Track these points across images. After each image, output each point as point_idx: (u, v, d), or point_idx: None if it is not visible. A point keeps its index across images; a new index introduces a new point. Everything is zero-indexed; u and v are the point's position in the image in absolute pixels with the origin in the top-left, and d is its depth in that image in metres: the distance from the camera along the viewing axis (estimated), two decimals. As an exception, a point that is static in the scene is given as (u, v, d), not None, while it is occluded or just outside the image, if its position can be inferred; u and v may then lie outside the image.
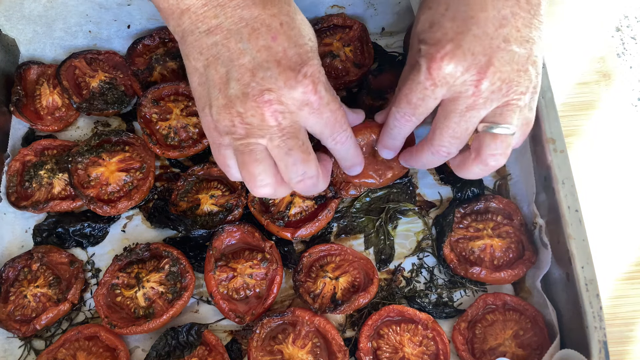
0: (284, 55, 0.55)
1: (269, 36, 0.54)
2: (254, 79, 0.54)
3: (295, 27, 0.56)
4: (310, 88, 0.55)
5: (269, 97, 0.54)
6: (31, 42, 0.87)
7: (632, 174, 0.82)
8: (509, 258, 0.73)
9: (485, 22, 0.56)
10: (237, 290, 0.72)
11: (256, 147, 0.57)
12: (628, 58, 0.92)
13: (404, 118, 0.62)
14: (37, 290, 0.73)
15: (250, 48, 0.54)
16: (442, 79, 0.56)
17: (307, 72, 0.55)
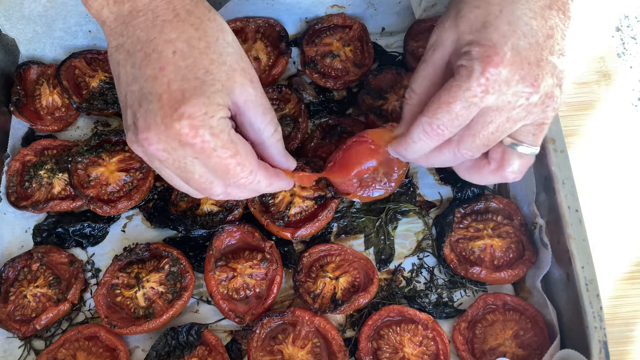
0: (167, 88, 0.51)
1: (157, 65, 0.51)
2: (140, 110, 0.52)
3: (190, 57, 0.52)
4: (187, 131, 0.50)
5: (147, 135, 0.51)
6: (31, 42, 0.87)
7: (632, 174, 0.82)
8: (509, 258, 0.73)
9: (537, 31, 0.53)
10: (237, 290, 0.72)
11: (163, 172, 0.57)
12: (628, 58, 0.92)
13: (436, 131, 0.55)
14: (37, 290, 0.73)
15: (140, 75, 0.52)
16: (497, 86, 0.52)
17: (185, 112, 0.50)
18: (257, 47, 0.85)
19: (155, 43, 0.52)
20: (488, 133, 0.55)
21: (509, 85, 0.52)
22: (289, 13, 0.88)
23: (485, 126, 0.54)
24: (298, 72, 0.88)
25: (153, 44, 0.52)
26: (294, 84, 0.85)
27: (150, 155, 0.54)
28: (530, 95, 0.53)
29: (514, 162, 0.58)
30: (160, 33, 0.52)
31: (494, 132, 0.55)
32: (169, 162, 0.53)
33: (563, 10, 0.55)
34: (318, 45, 0.86)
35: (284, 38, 0.85)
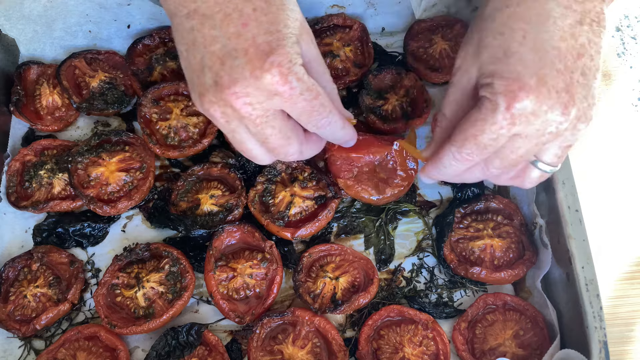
0: (253, 42, 0.52)
1: (239, 22, 0.52)
2: (223, 67, 0.53)
3: (270, 13, 0.53)
4: (278, 79, 0.52)
5: (236, 90, 0.52)
6: (31, 42, 0.87)
7: (632, 174, 0.82)
8: (509, 258, 0.73)
9: (566, 53, 0.51)
10: (237, 290, 0.72)
11: (241, 137, 0.57)
12: (628, 58, 0.92)
13: (467, 159, 0.55)
14: (37, 290, 0.73)
15: (221, 35, 0.53)
16: (523, 118, 0.51)
17: (275, 61, 0.52)
18: (257, 47, 0.85)
19: (234, 3, 0.53)
20: (517, 156, 0.55)
21: (536, 116, 0.51)
22: (289, 13, 0.87)
23: (515, 151, 0.54)
24: (298, 72, 0.88)
25: (232, 4, 0.52)
26: (294, 84, 0.85)
27: (234, 111, 0.54)
28: (560, 124, 0.51)
29: (533, 176, 0.58)
30: None
31: (522, 156, 0.55)
32: (251, 118, 0.54)
33: (597, 21, 0.53)
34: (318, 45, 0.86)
35: (284, 38, 0.85)
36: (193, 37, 0.54)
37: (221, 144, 0.83)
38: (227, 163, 0.79)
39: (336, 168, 0.75)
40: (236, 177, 0.77)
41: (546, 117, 0.51)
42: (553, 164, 0.56)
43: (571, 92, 0.51)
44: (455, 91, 0.58)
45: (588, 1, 0.53)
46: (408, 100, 0.82)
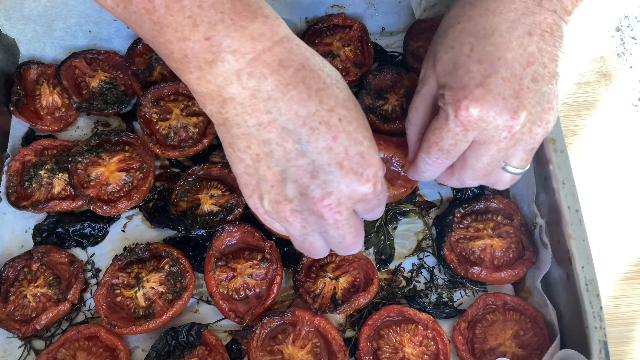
0: (346, 156, 0.51)
1: (329, 136, 0.50)
2: (314, 181, 0.51)
3: (352, 120, 0.52)
4: (372, 190, 0.53)
5: (329, 202, 0.52)
6: (31, 42, 0.87)
7: (632, 174, 0.82)
8: (509, 258, 0.73)
9: (513, 62, 0.54)
10: (237, 290, 0.72)
11: (313, 238, 0.57)
12: (628, 58, 0.92)
13: (437, 162, 0.60)
14: (37, 290, 0.73)
15: (309, 150, 0.50)
16: (474, 124, 0.54)
17: (370, 173, 0.52)
18: (257, 47, 0.85)
19: (319, 115, 0.50)
20: (484, 164, 0.58)
21: (486, 122, 0.54)
22: (289, 13, 0.88)
23: (479, 159, 0.58)
24: (298, 72, 0.88)
25: (317, 117, 0.50)
26: (294, 84, 0.85)
27: (319, 219, 0.54)
28: (511, 128, 0.54)
29: (504, 179, 0.62)
30: (320, 104, 0.50)
31: (489, 163, 0.58)
32: (336, 224, 0.54)
33: (550, 32, 0.56)
34: (318, 45, 0.86)
35: (284, 38, 0.85)
36: (269, 150, 0.51)
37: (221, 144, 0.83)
38: (227, 163, 0.79)
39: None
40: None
41: (496, 122, 0.54)
42: (521, 167, 0.60)
43: (520, 97, 0.54)
44: (418, 99, 0.63)
45: (538, 14, 0.56)
46: (408, 101, 0.82)
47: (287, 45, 0.50)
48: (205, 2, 0.48)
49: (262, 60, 0.49)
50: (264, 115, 0.50)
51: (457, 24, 0.58)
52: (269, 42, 0.49)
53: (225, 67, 0.48)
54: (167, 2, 0.48)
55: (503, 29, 0.55)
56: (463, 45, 0.56)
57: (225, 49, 0.48)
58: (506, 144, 0.56)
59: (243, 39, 0.48)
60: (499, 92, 0.53)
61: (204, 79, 0.50)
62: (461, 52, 0.56)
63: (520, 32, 0.55)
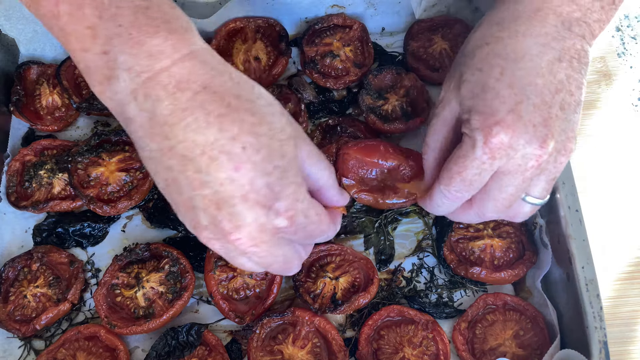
0: (251, 188, 0.46)
1: (230, 166, 0.46)
2: (220, 213, 0.47)
3: (261, 147, 0.47)
4: (286, 223, 0.49)
5: (239, 236, 0.48)
6: (31, 42, 0.87)
7: (632, 174, 0.82)
8: (509, 258, 0.73)
9: (543, 88, 0.52)
10: (237, 290, 0.72)
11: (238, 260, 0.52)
12: (628, 58, 0.92)
13: (456, 196, 0.57)
14: (37, 290, 0.73)
15: (211, 180, 0.46)
16: (503, 152, 0.52)
17: (280, 207, 0.48)
18: (257, 47, 0.85)
19: (219, 144, 0.46)
20: (507, 195, 0.55)
21: (515, 150, 0.52)
22: (289, 13, 0.87)
23: (503, 190, 0.55)
24: (298, 72, 0.88)
25: (217, 146, 0.45)
26: (294, 83, 0.85)
27: (238, 251, 0.50)
28: (540, 157, 0.52)
29: (524, 210, 0.59)
30: (220, 131, 0.46)
31: (512, 194, 0.55)
32: (257, 254, 0.50)
33: (578, 58, 0.54)
34: (318, 45, 0.86)
35: (284, 38, 0.85)
36: (174, 177, 0.47)
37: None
38: (227, 163, 0.79)
39: (346, 168, 0.73)
40: (236, 177, 0.77)
41: (525, 150, 0.52)
42: (542, 197, 0.57)
43: (549, 125, 0.52)
44: (437, 122, 0.59)
45: (568, 39, 0.54)
46: (408, 100, 0.82)
47: (189, 63, 0.46)
48: (106, 12, 0.45)
49: (158, 81, 0.45)
50: (164, 142, 0.46)
51: (485, 45, 0.56)
52: (168, 61, 0.46)
53: (121, 86, 0.46)
54: (70, 9, 0.46)
55: (534, 53, 0.54)
56: (492, 67, 0.54)
57: (121, 66, 0.45)
58: (532, 173, 0.54)
59: (139, 56, 0.45)
60: (529, 119, 0.51)
61: (104, 95, 0.47)
62: (490, 75, 0.54)
63: (551, 57, 0.53)
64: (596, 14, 0.56)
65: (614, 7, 0.56)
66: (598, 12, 0.56)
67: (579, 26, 0.55)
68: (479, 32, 0.58)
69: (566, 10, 0.55)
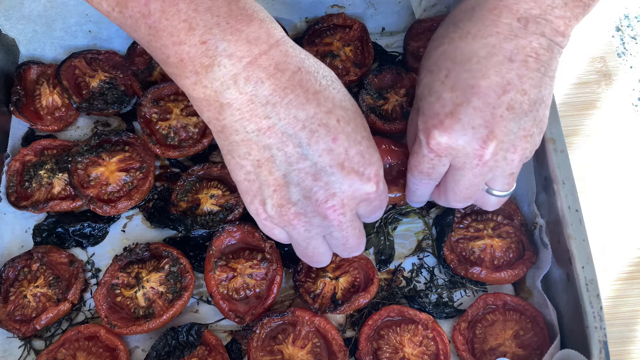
0: (347, 157, 0.51)
1: (329, 138, 0.50)
2: (317, 183, 0.51)
3: (350, 120, 0.52)
4: (374, 189, 0.53)
5: (333, 203, 0.52)
6: (31, 42, 0.87)
7: (632, 174, 0.82)
8: (509, 258, 0.73)
9: (487, 90, 0.53)
10: (237, 290, 0.72)
11: (317, 242, 0.56)
12: (628, 58, 0.92)
13: (422, 183, 0.62)
14: (37, 290, 0.73)
15: (310, 153, 0.50)
16: (444, 151, 0.55)
17: (371, 172, 0.53)
18: (257, 47, 0.85)
19: (318, 117, 0.50)
20: (462, 188, 0.59)
21: (456, 149, 0.54)
22: (289, 13, 0.88)
23: (457, 183, 0.58)
24: (298, 72, 0.88)
25: (316, 119, 0.50)
26: (294, 84, 0.85)
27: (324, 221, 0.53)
28: (481, 157, 0.54)
29: (491, 201, 0.63)
30: (318, 106, 0.50)
31: (468, 188, 0.59)
32: (340, 225, 0.54)
33: (535, 56, 0.54)
34: (318, 45, 0.86)
35: (284, 38, 0.85)
36: (270, 155, 0.50)
37: (221, 144, 0.83)
38: (227, 163, 0.79)
39: None
40: (236, 177, 0.77)
41: (465, 150, 0.54)
42: (505, 190, 0.60)
43: (491, 126, 0.53)
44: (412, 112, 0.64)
45: (521, 38, 0.54)
46: (408, 100, 0.82)
47: (283, 48, 0.50)
48: (201, 5, 0.47)
49: (258, 64, 0.48)
50: (263, 121, 0.49)
51: (440, 46, 0.58)
52: (265, 46, 0.49)
53: (221, 72, 0.48)
54: (162, 6, 0.47)
55: (481, 55, 0.54)
56: (440, 70, 0.56)
57: (222, 53, 0.47)
58: (480, 170, 0.56)
59: (239, 42, 0.48)
60: (468, 121, 0.53)
61: (200, 84, 0.49)
62: (437, 78, 0.56)
63: (500, 57, 0.53)
64: (559, 10, 0.54)
65: (580, 4, 0.55)
66: (561, 8, 0.54)
67: (537, 24, 0.54)
68: (438, 32, 0.60)
69: (523, 8, 0.54)
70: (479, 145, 0.53)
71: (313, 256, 0.59)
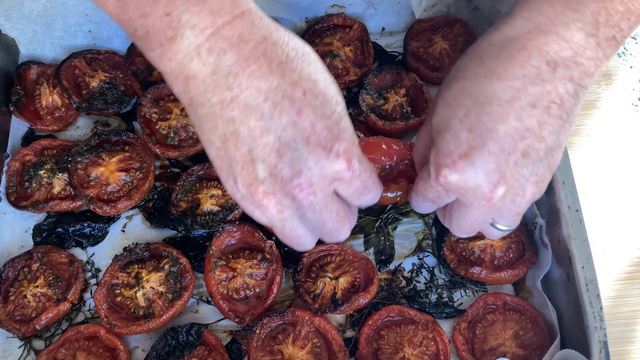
0: (312, 131, 0.48)
1: (293, 111, 0.48)
2: (281, 159, 0.48)
3: (319, 93, 0.49)
4: (344, 166, 0.50)
5: (299, 181, 0.49)
6: (31, 42, 0.87)
7: (632, 174, 0.82)
8: (509, 258, 0.73)
9: (505, 136, 0.50)
10: (237, 290, 0.72)
11: (292, 224, 0.54)
12: (628, 58, 0.92)
13: (426, 204, 0.61)
14: (37, 290, 0.73)
15: (273, 126, 0.48)
16: (453, 189, 0.53)
17: (340, 148, 0.49)
18: (257, 47, 0.85)
19: (281, 89, 0.48)
20: (468, 223, 0.58)
21: (465, 189, 0.53)
22: (289, 13, 0.88)
23: (463, 218, 0.58)
24: (298, 72, 0.88)
25: (280, 91, 0.48)
26: (294, 84, 0.85)
27: (293, 201, 0.51)
28: (490, 200, 0.53)
29: (495, 233, 0.61)
30: (282, 77, 0.48)
31: (472, 223, 0.58)
32: (312, 206, 0.51)
33: (559, 103, 0.51)
34: (318, 45, 0.86)
35: (284, 38, 0.85)
36: (234, 129, 0.49)
37: (221, 144, 0.83)
38: (227, 163, 0.79)
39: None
40: (236, 177, 0.77)
41: (474, 192, 0.53)
42: (509, 226, 0.59)
43: (502, 171, 0.51)
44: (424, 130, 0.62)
45: (548, 82, 0.51)
46: (408, 100, 0.82)
47: (249, 18, 0.48)
48: None
49: (221, 35, 0.47)
50: (225, 92, 0.48)
51: (462, 79, 0.54)
52: (229, 16, 0.48)
53: (185, 43, 0.47)
54: None
55: (504, 98, 0.51)
56: (460, 106, 0.53)
57: (184, 25, 0.47)
58: (487, 210, 0.54)
59: (202, 13, 0.47)
60: (481, 165, 0.51)
61: (165, 57, 0.49)
62: (455, 114, 0.53)
63: (523, 103, 0.51)
64: (591, 51, 0.51)
65: (614, 43, 0.52)
66: (593, 49, 0.51)
67: (567, 67, 0.51)
68: (461, 62, 0.56)
69: (554, 49, 0.51)
70: (489, 189, 0.52)
71: (292, 238, 0.56)
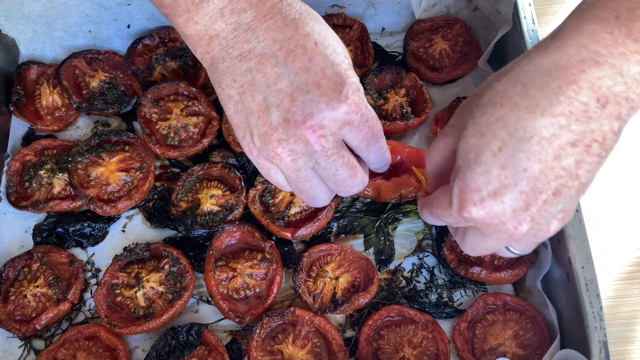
0: (323, 75, 0.52)
1: (305, 57, 0.52)
2: (294, 103, 0.51)
3: (329, 45, 0.54)
4: (353, 108, 0.52)
5: (312, 123, 0.51)
6: (31, 42, 0.87)
7: (632, 174, 0.82)
8: (509, 258, 0.73)
9: (539, 175, 0.47)
10: (237, 290, 0.72)
11: (306, 174, 0.55)
12: (628, 58, 0.92)
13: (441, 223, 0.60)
14: (37, 290, 0.73)
15: (287, 72, 0.52)
16: (475, 221, 0.51)
17: (349, 91, 0.52)
18: (257, 47, 0.85)
19: (295, 39, 0.52)
20: (483, 249, 0.57)
21: (487, 224, 0.51)
22: (289, 13, 0.87)
23: (479, 244, 0.56)
24: (298, 72, 0.88)
25: (293, 41, 0.52)
26: (294, 83, 0.85)
27: (307, 146, 0.52)
28: (512, 235, 0.51)
29: (507, 255, 0.59)
30: (296, 30, 0.53)
31: (487, 249, 0.56)
32: (324, 151, 0.53)
33: (601, 142, 0.48)
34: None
35: (284, 38, 0.85)
36: (251, 78, 0.52)
37: (221, 144, 0.83)
38: (227, 163, 0.80)
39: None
40: (236, 177, 0.77)
41: (497, 227, 0.50)
42: (524, 251, 0.57)
43: (530, 210, 0.49)
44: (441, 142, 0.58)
45: (594, 121, 0.47)
46: (408, 100, 0.82)
47: None
48: None
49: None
50: (244, 45, 0.53)
51: (500, 106, 0.50)
52: None
53: (210, 7, 0.53)
54: None
55: (544, 136, 0.47)
56: (494, 138, 0.49)
57: None
58: (506, 241, 0.53)
59: None
60: (510, 204, 0.49)
61: (192, 21, 0.53)
62: (489, 147, 0.49)
63: (564, 142, 0.47)
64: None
65: None
66: None
67: (617, 104, 0.48)
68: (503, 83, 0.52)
69: (606, 84, 0.47)
70: (513, 227, 0.50)
71: (307, 191, 0.57)
